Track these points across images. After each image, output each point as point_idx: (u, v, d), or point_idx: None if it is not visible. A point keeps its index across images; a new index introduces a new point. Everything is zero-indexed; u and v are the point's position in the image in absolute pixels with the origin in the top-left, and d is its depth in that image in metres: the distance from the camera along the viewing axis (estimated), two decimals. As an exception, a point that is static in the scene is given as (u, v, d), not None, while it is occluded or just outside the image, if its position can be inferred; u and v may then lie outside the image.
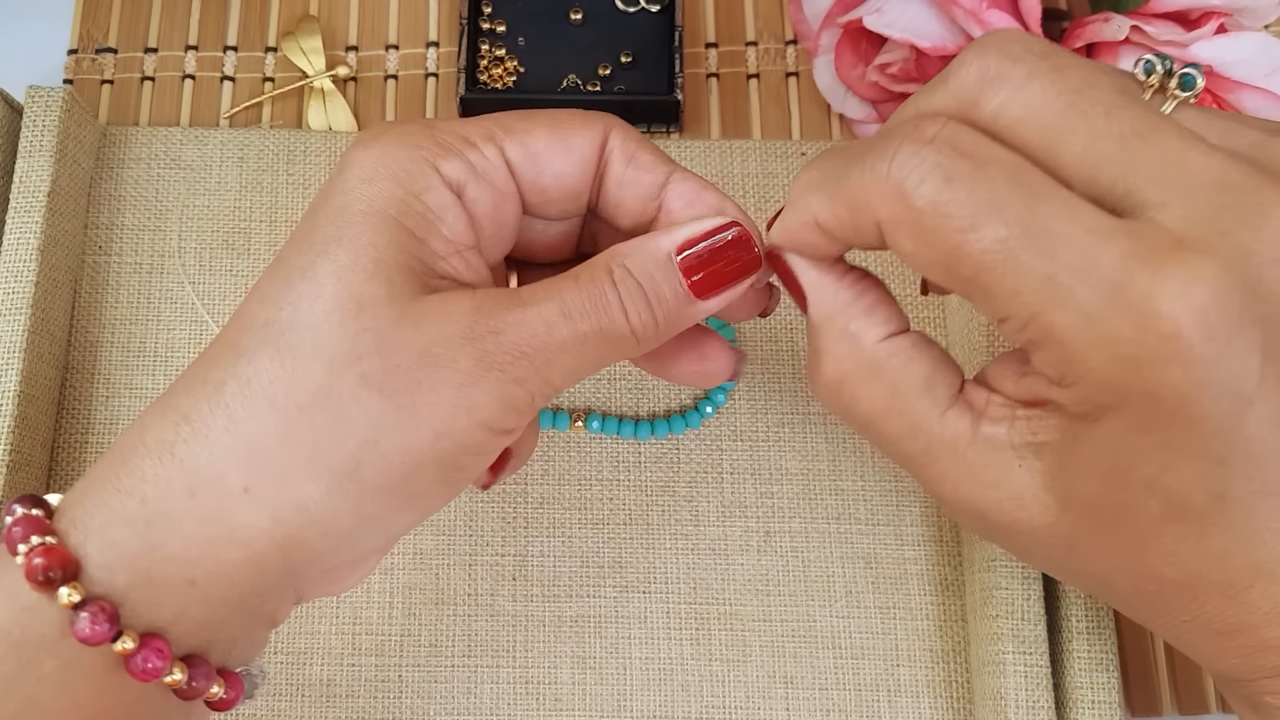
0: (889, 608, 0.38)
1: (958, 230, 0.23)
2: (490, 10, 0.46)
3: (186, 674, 0.25)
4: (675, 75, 0.44)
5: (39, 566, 0.24)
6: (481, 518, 0.40)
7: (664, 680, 0.38)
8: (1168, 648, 0.40)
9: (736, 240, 0.28)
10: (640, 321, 0.27)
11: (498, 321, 0.26)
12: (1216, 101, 0.38)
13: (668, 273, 0.28)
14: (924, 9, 0.41)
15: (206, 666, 0.26)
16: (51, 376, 0.40)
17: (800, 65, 0.46)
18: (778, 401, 0.41)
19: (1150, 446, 0.23)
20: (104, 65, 0.47)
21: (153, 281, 0.42)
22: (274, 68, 0.47)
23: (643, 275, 0.27)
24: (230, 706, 0.27)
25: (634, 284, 0.27)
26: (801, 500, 0.39)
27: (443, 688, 0.38)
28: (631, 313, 0.27)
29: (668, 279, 0.28)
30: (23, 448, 0.38)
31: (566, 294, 0.27)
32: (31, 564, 0.24)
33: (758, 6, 0.47)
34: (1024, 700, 0.34)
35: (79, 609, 0.24)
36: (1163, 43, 0.38)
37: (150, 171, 0.44)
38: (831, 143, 0.44)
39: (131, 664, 0.25)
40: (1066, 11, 0.46)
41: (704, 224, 0.28)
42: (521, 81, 0.45)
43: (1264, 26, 0.39)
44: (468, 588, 0.39)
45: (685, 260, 0.28)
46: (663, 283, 0.28)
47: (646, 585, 0.39)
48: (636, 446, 0.40)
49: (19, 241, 0.39)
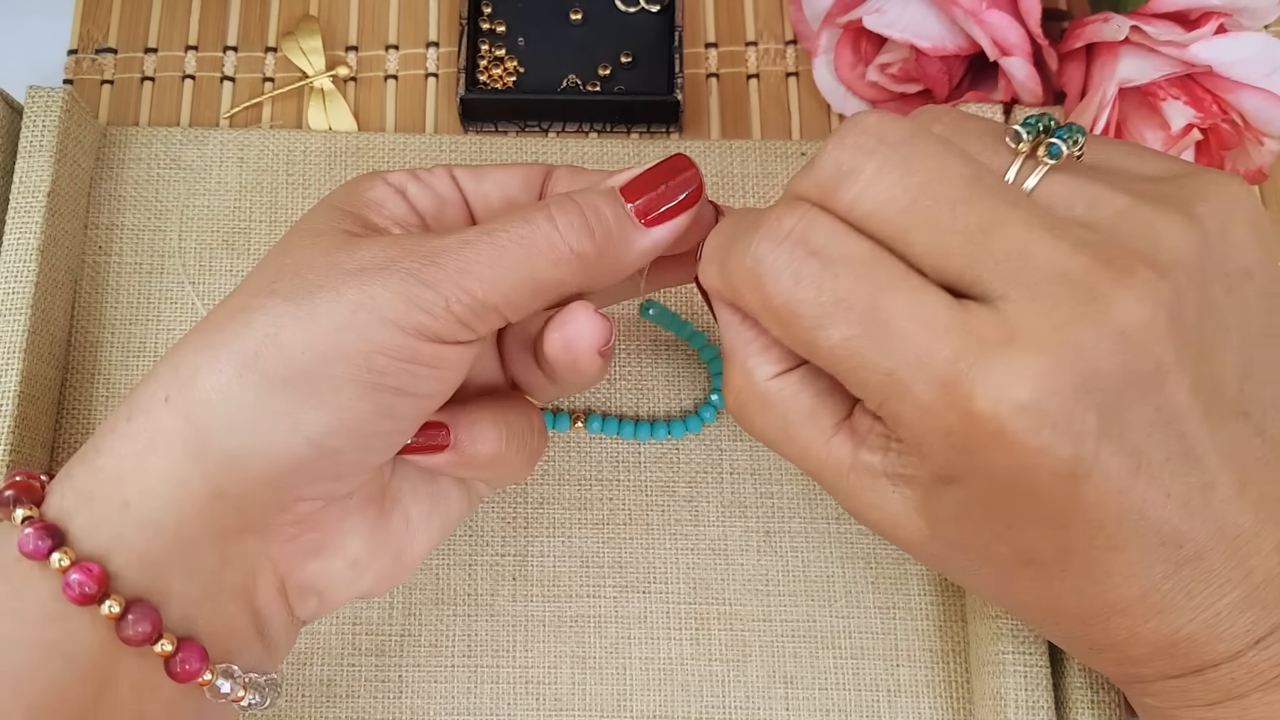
0: (889, 608, 0.38)
1: (808, 328, 0.25)
2: (490, 10, 0.46)
3: (123, 605, 0.26)
4: (675, 75, 0.44)
5: (8, 499, 0.27)
6: (481, 518, 0.40)
7: (664, 680, 0.38)
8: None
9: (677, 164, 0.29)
10: (573, 231, 0.28)
11: (411, 241, 0.28)
12: (1216, 101, 0.38)
13: (609, 198, 0.29)
14: (924, 9, 0.41)
15: (148, 609, 0.26)
16: (51, 376, 0.40)
17: (800, 65, 0.46)
18: (778, 401, 0.41)
19: (994, 511, 0.25)
20: (104, 65, 0.47)
21: (153, 281, 0.42)
22: (274, 68, 0.47)
23: (580, 196, 0.28)
24: (191, 678, 0.27)
25: (569, 201, 0.28)
26: (801, 500, 0.40)
27: (443, 688, 0.38)
28: (561, 221, 0.28)
29: (610, 202, 0.29)
30: (23, 448, 0.38)
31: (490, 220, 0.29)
32: (2, 496, 0.27)
33: (758, 6, 0.47)
34: (1024, 700, 0.34)
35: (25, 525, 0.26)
36: (1163, 42, 0.38)
37: (150, 172, 0.44)
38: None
39: (66, 584, 0.25)
40: (1066, 11, 0.46)
41: (642, 165, 0.30)
42: (521, 81, 0.45)
43: (1264, 26, 0.39)
44: (468, 588, 0.39)
45: (626, 188, 0.29)
46: (604, 205, 0.28)
47: (646, 585, 0.39)
48: (636, 446, 0.40)
49: (19, 241, 0.39)
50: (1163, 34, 0.38)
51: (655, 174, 0.29)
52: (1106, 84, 0.39)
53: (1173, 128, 0.38)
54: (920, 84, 0.43)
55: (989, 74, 0.43)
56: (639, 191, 0.29)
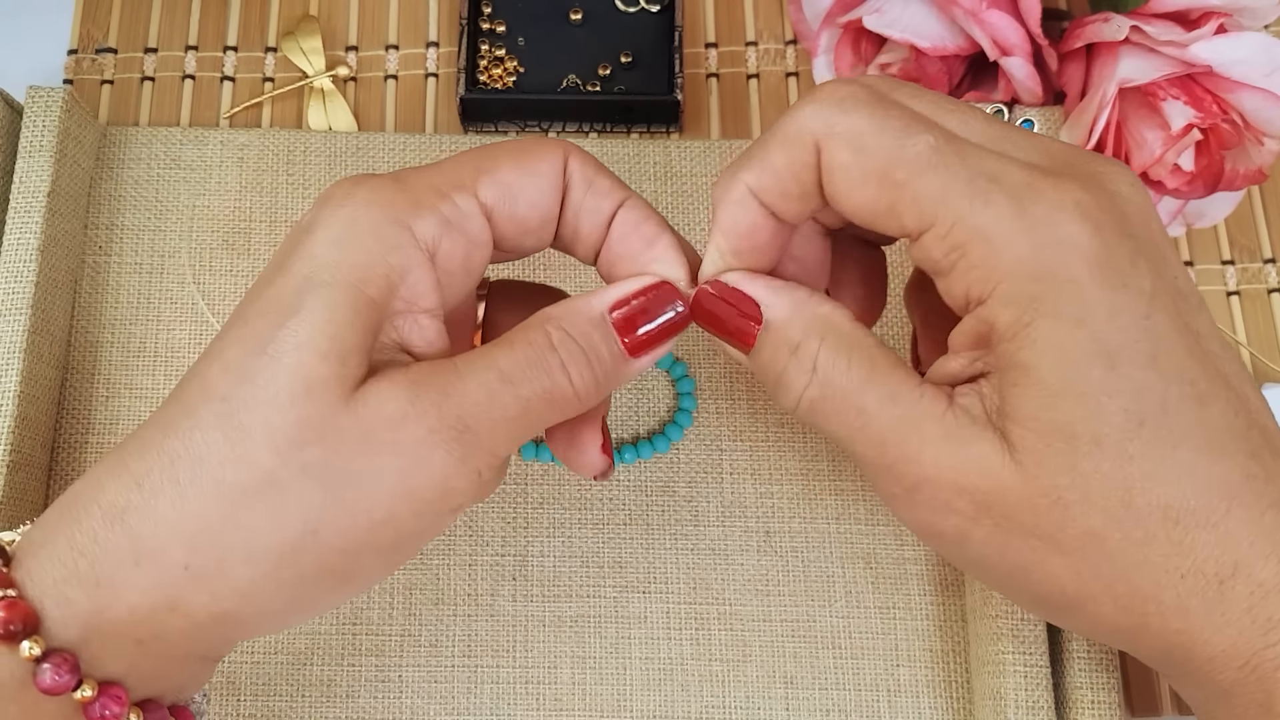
0: (889, 608, 0.38)
1: (896, 133, 0.27)
2: (490, 10, 0.46)
3: (141, 718, 0.27)
4: (675, 75, 0.44)
5: (2, 620, 0.25)
6: (481, 518, 0.40)
7: (664, 680, 0.38)
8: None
9: (665, 296, 0.29)
10: (583, 381, 0.28)
11: (437, 394, 0.27)
12: (1216, 101, 0.38)
13: (605, 333, 0.29)
14: (924, 9, 0.41)
15: (161, 711, 0.27)
16: (51, 376, 0.40)
17: (800, 65, 0.46)
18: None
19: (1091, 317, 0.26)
20: (104, 65, 0.47)
21: (153, 281, 0.42)
22: (274, 68, 0.47)
23: (581, 336, 0.28)
24: None
25: (573, 345, 0.28)
26: (801, 500, 0.39)
27: (443, 688, 0.38)
28: (574, 373, 0.28)
29: (605, 339, 0.29)
30: (23, 448, 0.38)
31: (502, 360, 0.27)
32: None
33: (758, 6, 0.47)
34: (1024, 700, 0.34)
35: (41, 661, 0.25)
36: (1162, 43, 0.38)
37: (150, 172, 0.44)
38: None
39: (90, 711, 0.26)
40: (1066, 11, 0.46)
41: (634, 283, 0.29)
42: (521, 81, 0.45)
43: (1264, 26, 0.39)
44: (468, 588, 0.39)
45: (618, 320, 0.29)
46: (600, 343, 0.28)
47: (646, 585, 0.39)
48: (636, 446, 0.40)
49: (19, 242, 0.39)
50: (1163, 34, 0.38)
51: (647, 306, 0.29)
52: (1106, 84, 0.39)
53: (1173, 128, 0.38)
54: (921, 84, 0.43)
55: (989, 74, 0.43)
56: (631, 327, 0.29)
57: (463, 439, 0.26)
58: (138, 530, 0.26)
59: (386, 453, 0.26)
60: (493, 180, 0.29)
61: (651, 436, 0.40)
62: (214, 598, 0.26)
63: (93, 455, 0.40)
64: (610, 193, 0.30)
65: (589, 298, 0.29)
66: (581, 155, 0.30)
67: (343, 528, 0.26)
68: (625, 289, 0.29)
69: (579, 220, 0.30)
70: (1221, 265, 0.44)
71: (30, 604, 0.26)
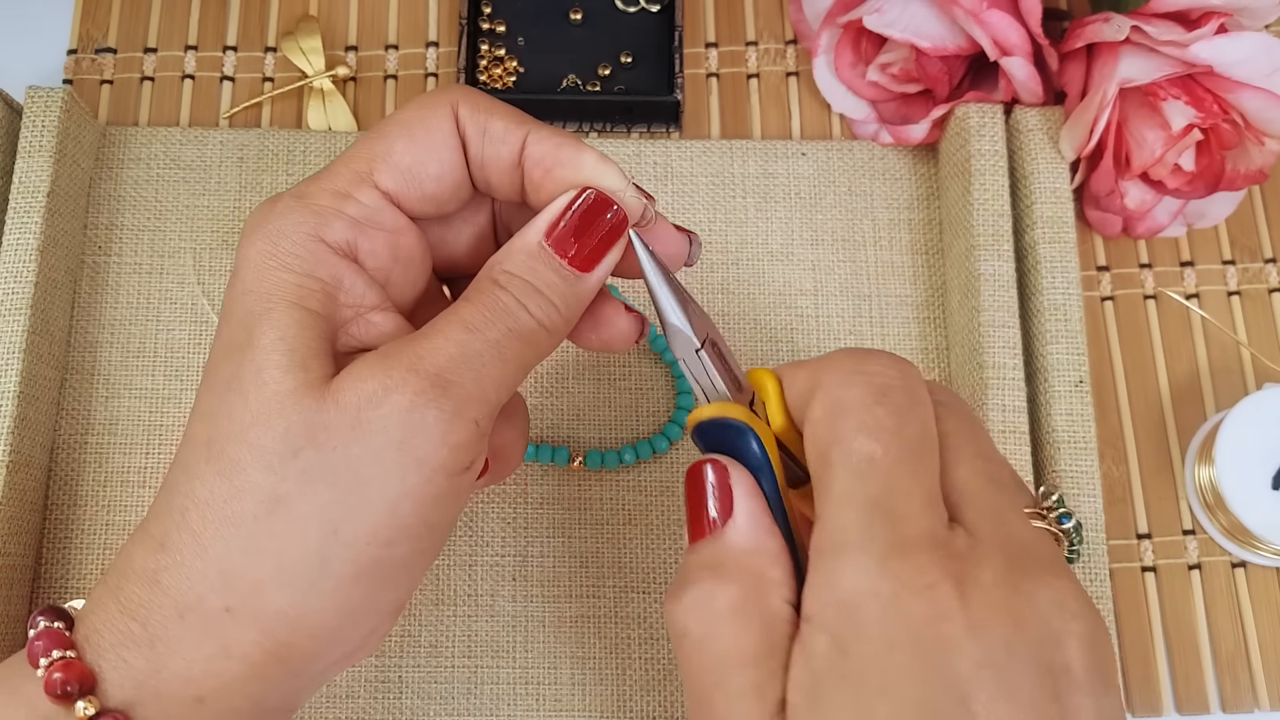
0: (889, 608, 0.38)
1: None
2: (490, 10, 0.46)
3: None
4: (675, 75, 0.44)
5: (59, 681, 0.25)
6: (481, 518, 0.40)
7: (664, 680, 0.38)
8: (1168, 648, 0.40)
9: (595, 205, 0.29)
10: (543, 312, 0.28)
11: (409, 359, 0.27)
12: (1217, 101, 0.38)
13: (547, 260, 0.29)
14: (924, 9, 0.41)
15: None
16: (51, 376, 0.40)
17: (800, 65, 0.46)
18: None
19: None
20: (104, 65, 0.46)
21: (153, 281, 0.42)
22: (274, 68, 0.47)
23: (525, 271, 0.28)
24: None
25: (520, 281, 0.28)
26: (801, 500, 0.39)
27: (443, 688, 0.38)
28: (531, 307, 0.28)
29: (549, 265, 0.29)
30: (23, 448, 0.38)
31: (465, 312, 0.28)
32: (51, 678, 0.26)
33: (758, 6, 0.47)
34: (1024, 700, 0.34)
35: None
36: (1163, 42, 0.38)
37: (150, 172, 0.43)
38: (831, 142, 0.44)
39: None
40: (1066, 11, 0.46)
41: (558, 203, 0.29)
42: (521, 81, 0.45)
43: (1264, 26, 0.39)
44: (468, 588, 0.39)
45: (555, 243, 0.29)
46: (546, 270, 0.28)
47: (646, 585, 0.39)
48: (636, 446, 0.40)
49: (19, 241, 0.39)
50: (1163, 34, 0.38)
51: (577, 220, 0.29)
52: (1107, 84, 0.39)
53: (1173, 128, 0.38)
54: (920, 84, 0.43)
55: (989, 74, 0.43)
56: (568, 246, 0.29)
57: (449, 392, 0.26)
58: (173, 587, 0.26)
59: (379, 430, 0.26)
60: (389, 166, 0.29)
61: (651, 436, 0.40)
62: (263, 632, 0.26)
63: (92, 455, 0.40)
64: (507, 136, 0.29)
65: (524, 232, 0.29)
66: (470, 102, 0.29)
67: (361, 517, 0.26)
68: (552, 211, 0.29)
69: (486, 174, 0.30)
70: (1222, 265, 0.44)
71: (87, 665, 0.26)
